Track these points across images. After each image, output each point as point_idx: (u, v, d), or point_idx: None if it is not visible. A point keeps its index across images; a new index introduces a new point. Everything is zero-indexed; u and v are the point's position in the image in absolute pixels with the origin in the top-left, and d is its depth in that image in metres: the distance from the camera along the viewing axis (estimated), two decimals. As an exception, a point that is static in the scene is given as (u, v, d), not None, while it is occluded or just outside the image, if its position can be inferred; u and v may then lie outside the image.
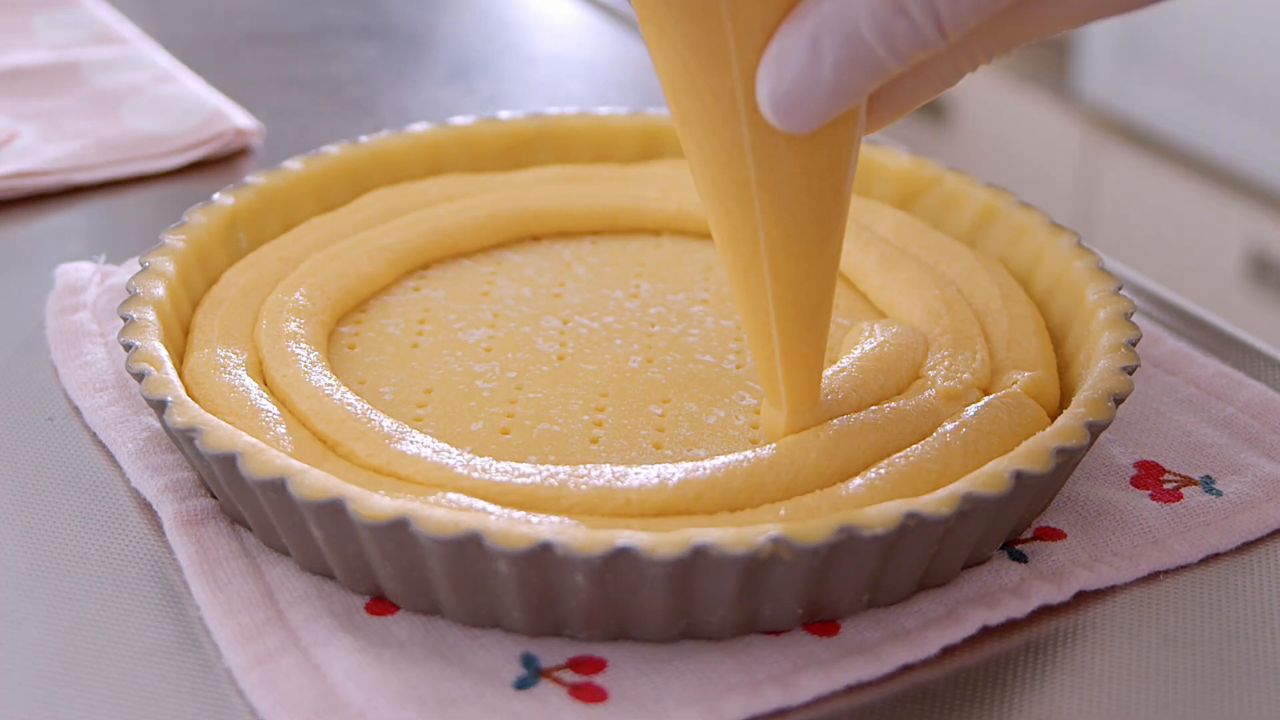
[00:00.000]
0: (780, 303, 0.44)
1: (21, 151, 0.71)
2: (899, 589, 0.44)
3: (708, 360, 0.53)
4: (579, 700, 0.41)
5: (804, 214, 0.43)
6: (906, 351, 0.51)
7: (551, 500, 0.44)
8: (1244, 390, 0.54)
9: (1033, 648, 0.44)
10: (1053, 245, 0.56)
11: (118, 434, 0.51)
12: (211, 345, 0.51)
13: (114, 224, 0.69)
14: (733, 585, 0.41)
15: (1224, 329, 0.59)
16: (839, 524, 0.41)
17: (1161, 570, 0.46)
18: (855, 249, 0.58)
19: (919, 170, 0.61)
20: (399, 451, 0.46)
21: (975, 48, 0.41)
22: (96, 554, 0.46)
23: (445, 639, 0.43)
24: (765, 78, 0.40)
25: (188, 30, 0.91)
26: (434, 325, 0.55)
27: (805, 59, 0.39)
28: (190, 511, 0.47)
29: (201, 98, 0.76)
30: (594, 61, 0.88)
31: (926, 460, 0.46)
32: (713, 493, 0.44)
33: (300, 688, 0.40)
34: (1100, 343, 0.50)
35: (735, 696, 0.41)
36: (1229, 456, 0.51)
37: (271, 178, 0.60)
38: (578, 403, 0.50)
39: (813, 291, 0.45)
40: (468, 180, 0.63)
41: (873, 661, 0.42)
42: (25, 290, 0.61)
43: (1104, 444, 0.51)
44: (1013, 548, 0.47)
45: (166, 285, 0.52)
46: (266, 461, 0.43)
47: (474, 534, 0.40)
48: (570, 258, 0.60)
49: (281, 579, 0.45)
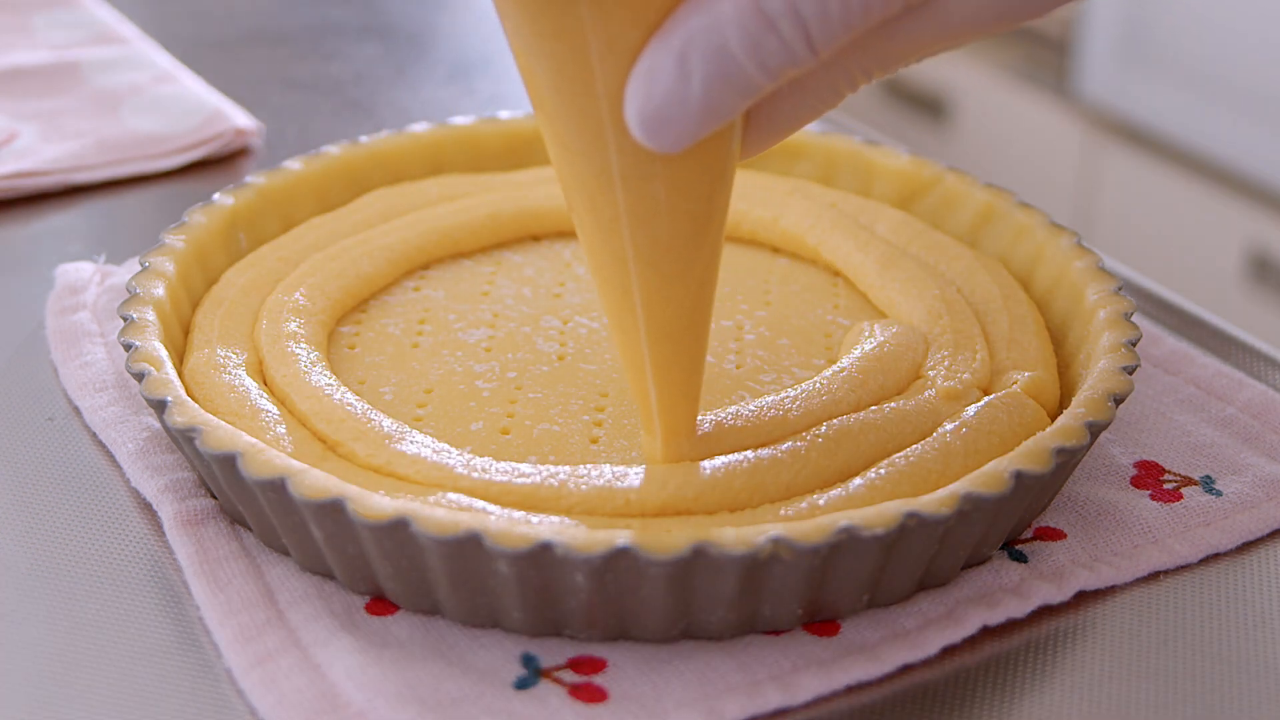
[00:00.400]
0: (651, 330, 0.43)
1: (21, 151, 0.71)
2: (899, 589, 0.44)
3: (708, 360, 0.53)
4: (579, 700, 0.41)
5: (673, 241, 0.42)
6: (906, 351, 0.51)
7: (551, 500, 0.44)
8: (1244, 390, 0.54)
9: (1033, 648, 0.44)
10: (1053, 245, 0.56)
11: (118, 434, 0.51)
12: (211, 345, 0.51)
13: (114, 224, 0.69)
14: (733, 585, 0.41)
15: (1224, 329, 0.59)
16: (839, 524, 0.41)
17: (1161, 570, 0.46)
18: (855, 249, 0.58)
19: (919, 170, 0.61)
20: (399, 451, 0.46)
21: (852, 67, 0.40)
22: (96, 554, 0.46)
23: (445, 639, 0.43)
24: (634, 95, 0.38)
25: (188, 30, 0.91)
26: (434, 325, 0.55)
27: (674, 76, 0.38)
28: (190, 511, 0.47)
29: (201, 98, 0.76)
30: (594, 61, 0.88)
31: (926, 460, 0.46)
32: (713, 493, 0.44)
33: (300, 688, 0.40)
34: (1100, 343, 0.50)
35: (735, 696, 0.41)
36: (1229, 456, 0.51)
37: (271, 178, 0.60)
38: (578, 403, 0.50)
39: (685, 320, 0.43)
40: (468, 180, 0.63)
41: (873, 661, 0.42)
42: (25, 290, 0.61)
43: (1104, 444, 0.51)
44: (1013, 548, 0.47)
45: (166, 285, 0.52)
46: (266, 461, 0.43)
47: (474, 534, 0.40)
48: (570, 258, 0.60)
49: (281, 579, 0.45)
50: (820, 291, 0.58)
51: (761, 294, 0.57)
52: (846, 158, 0.63)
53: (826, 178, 0.64)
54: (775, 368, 0.53)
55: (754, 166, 0.65)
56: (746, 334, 0.54)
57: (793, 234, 0.60)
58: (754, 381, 0.52)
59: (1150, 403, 0.54)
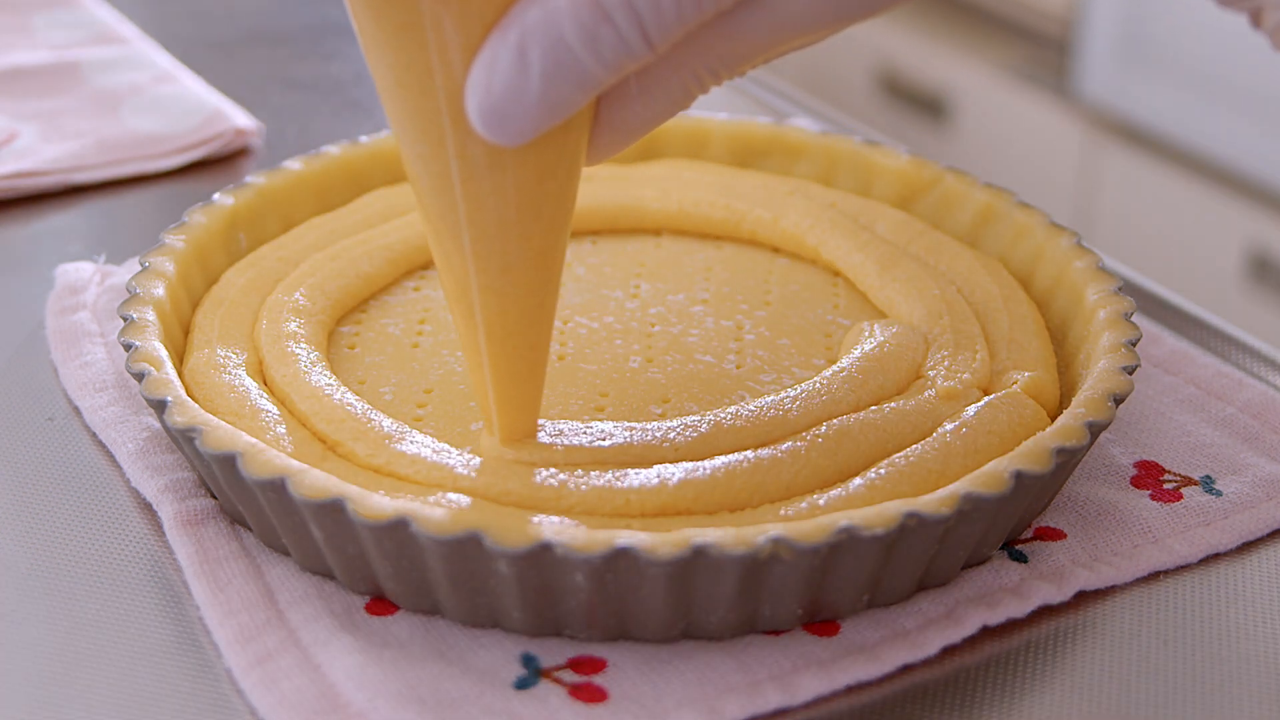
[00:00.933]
0: (490, 330, 0.44)
1: (21, 151, 0.71)
2: (899, 589, 0.44)
3: (708, 360, 0.53)
4: (579, 700, 0.41)
5: (510, 242, 0.42)
6: (906, 351, 0.51)
7: (551, 500, 0.44)
8: (1244, 390, 0.54)
9: (1033, 648, 0.44)
10: (1053, 245, 0.56)
11: (118, 434, 0.51)
12: (211, 345, 0.51)
13: (114, 224, 0.69)
14: (732, 585, 0.41)
15: (1224, 329, 0.59)
16: (839, 524, 0.41)
17: (1161, 570, 0.46)
18: (855, 249, 0.58)
19: (919, 170, 0.61)
20: (399, 451, 0.46)
21: (697, 66, 0.40)
22: (96, 554, 0.46)
23: (445, 639, 0.43)
24: (474, 88, 0.39)
25: (188, 30, 0.91)
26: (434, 325, 0.55)
27: (513, 68, 0.38)
28: (190, 511, 0.47)
29: (201, 98, 0.76)
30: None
31: (926, 460, 0.46)
32: (713, 493, 0.44)
33: (300, 688, 0.40)
34: (1100, 342, 0.50)
35: (735, 696, 0.41)
36: (1229, 456, 0.51)
37: (271, 178, 0.60)
38: (578, 403, 0.50)
39: (523, 322, 0.44)
40: (468, 180, 0.63)
41: (873, 661, 0.42)
42: (25, 290, 0.61)
43: (1104, 444, 0.51)
44: (1013, 548, 0.47)
45: (166, 285, 0.52)
46: (266, 461, 0.43)
47: (474, 534, 0.40)
48: (570, 258, 0.60)
49: (281, 579, 0.45)
50: (820, 291, 0.58)
51: (761, 294, 0.57)
52: (846, 158, 0.63)
53: (826, 178, 0.64)
54: (775, 368, 0.53)
55: (754, 166, 0.65)
56: (746, 334, 0.54)
57: (793, 234, 0.60)
58: (754, 381, 0.52)
59: (1150, 403, 0.54)
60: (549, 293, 0.44)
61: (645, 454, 0.46)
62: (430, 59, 0.39)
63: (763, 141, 0.65)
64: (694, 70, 0.40)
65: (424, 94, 0.40)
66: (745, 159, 0.65)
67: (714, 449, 0.46)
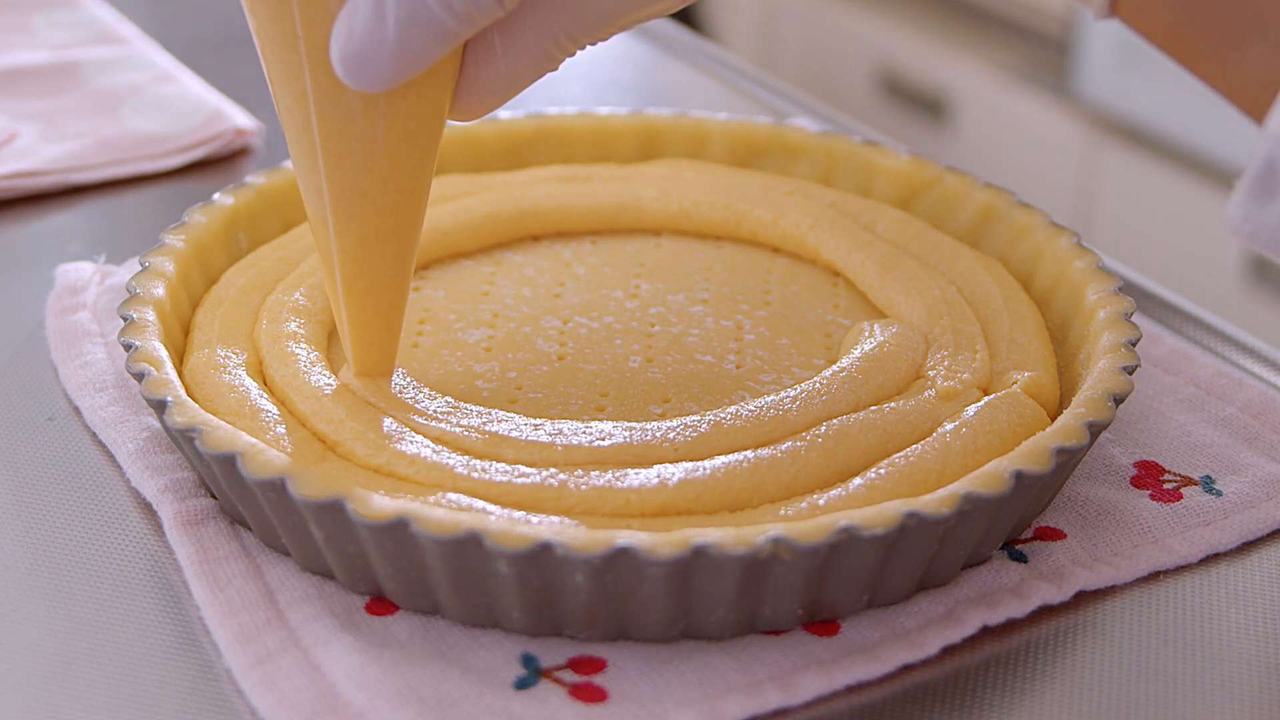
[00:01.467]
0: (345, 266, 0.47)
1: (21, 151, 0.71)
2: (899, 589, 0.44)
3: (708, 360, 0.53)
4: (579, 700, 0.41)
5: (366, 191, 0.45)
6: (906, 351, 0.51)
7: (551, 500, 0.44)
8: (1244, 390, 0.54)
9: (1033, 648, 0.44)
10: (1053, 245, 0.56)
11: (118, 434, 0.51)
12: (211, 345, 0.51)
13: (114, 224, 0.69)
14: (732, 585, 0.41)
15: (1224, 329, 0.59)
16: (839, 524, 0.41)
17: (1161, 570, 0.46)
18: (855, 249, 0.58)
19: (919, 170, 0.61)
20: (399, 451, 0.46)
21: (555, 29, 0.43)
22: (96, 554, 0.46)
23: (445, 639, 0.43)
24: (337, 37, 0.42)
25: (188, 30, 0.91)
26: (434, 325, 0.55)
27: (371, 18, 0.41)
28: (190, 511, 0.47)
29: (201, 98, 0.76)
30: (594, 61, 0.88)
31: (926, 460, 0.46)
32: (713, 493, 0.44)
33: (300, 688, 0.40)
34: (1100, 342, 0.50)
35: (735, 696, 0.41)
36: (1229, 456, 0.51)
37: (271, 178, 0.60)
38: (578, 403, 0.50)
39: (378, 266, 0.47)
40: (467, 180, 0.63)
41: (873, 661, 0.42)
42: (25, 290, 0.61)
43: (1104, 444, 0.51)
44: (1013, 548, 0.47)
45: (166, 285, 0.52)
46: (266, 461, 0.43)
47: (474, 534, 0.40)
48: (570, 258, 0.60)
49: (281, 579, 0.45)
50: (820, 291, 0.58)
51: (761, 294, 0.57)
52: (846, 158, 0.63)
53: (826, 178, 0.64)
54: (775, 368, 0.53)
55: (754, 166, 0.65)
56: (746, 334, 0.54)
57: (793, 234, 0.60)
58: (754, 381, 0.52)
59: (1150, 403, 0.54)
60: (405, 238, 0.47)
61: (645, 454, 0.46)
62: (293, 15, 0.43)
63: (763, 141, 0.65)
64: (551, 33, 0.43)
65: (289, 49, 0.44)
66: (745, 159, 0.65)
67: (714, 449, 0.46)
